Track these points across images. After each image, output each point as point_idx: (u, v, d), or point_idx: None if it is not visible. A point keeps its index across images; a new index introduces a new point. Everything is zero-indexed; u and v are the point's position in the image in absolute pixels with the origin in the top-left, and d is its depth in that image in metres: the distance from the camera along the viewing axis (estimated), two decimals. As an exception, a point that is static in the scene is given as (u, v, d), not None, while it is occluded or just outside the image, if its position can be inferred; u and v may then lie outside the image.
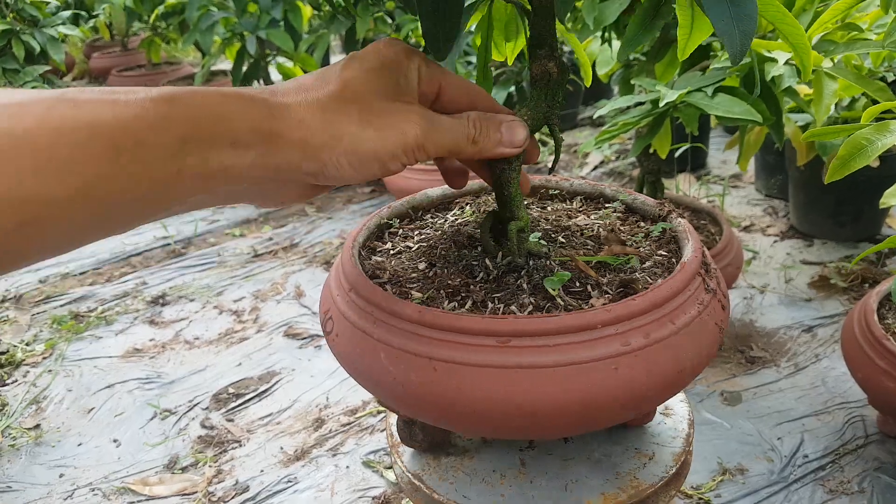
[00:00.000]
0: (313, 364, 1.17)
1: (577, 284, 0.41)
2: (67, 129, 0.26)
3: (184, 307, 1.38)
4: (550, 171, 0.50)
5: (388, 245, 0.48)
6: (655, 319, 0.37)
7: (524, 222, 0.43)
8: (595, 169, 1.95)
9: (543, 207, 0.54)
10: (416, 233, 0.50)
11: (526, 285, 0.41)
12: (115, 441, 1.03)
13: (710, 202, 1.61)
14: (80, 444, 1.02)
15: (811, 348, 1.12)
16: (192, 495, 0.91)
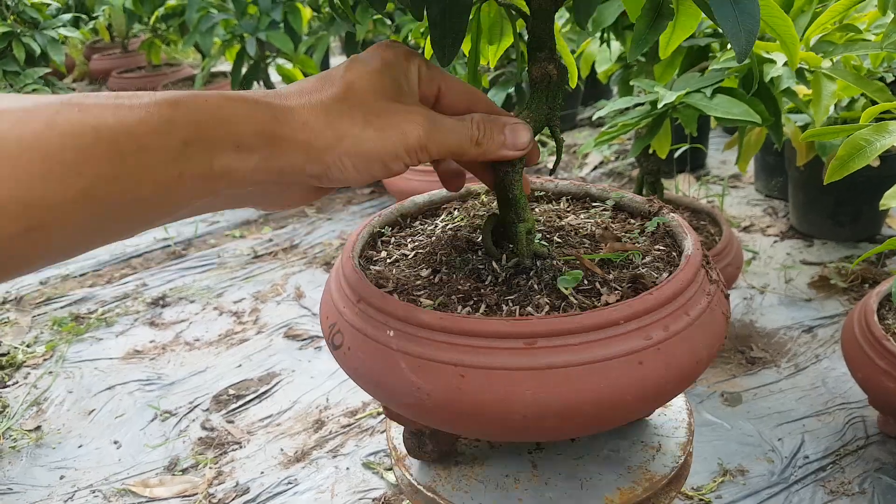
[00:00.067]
0: (313, 365, 1.17)
1: (585, 282, 0.42)
2: (73, 134, 0.26)
3: (184, 309, 1.38)
4: (551, 172, 0.50)
5: (384, 254, 0.48)
6: (672, 312, 0.38)
7: (531, 224, 0.43)
8: (595, 169, 1.95)
9: (532, 209, 0.54)
10: (409, 240, 0.50)
11: (537, 286, 0.41)
12: (115, 443, 1.03)
13: (710, 202, 1.61)
14: (80, 446, 1.03)
15: (811, 349, 1.12)
16: (193, 497, 0.91)
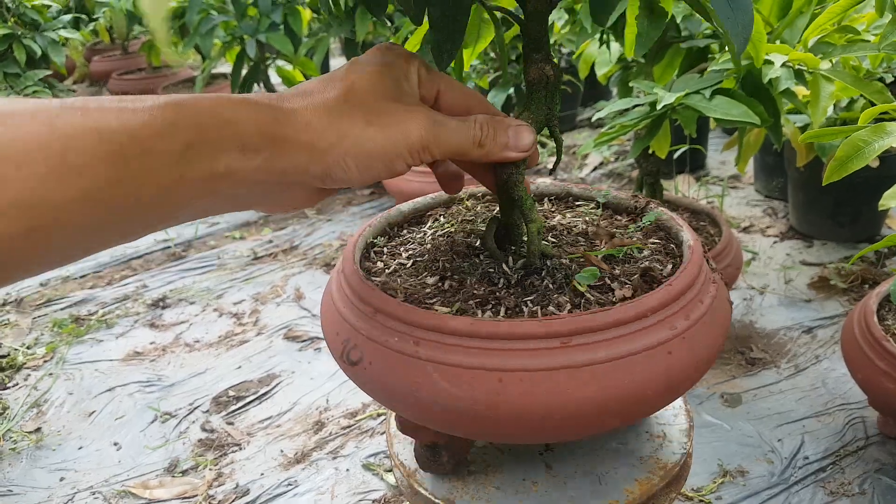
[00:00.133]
0: (313, 366, 1.17)
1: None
2: (75, 136, 0.26)
3: (184, 310, 1.38)
4: (551, 172, 0.51)
5: (380, 264, 0.47)
6: (690, 301, 0.39)
7: (540, 224, 0.43)
8: (594, 170, 1.95)
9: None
10: (402, 249, 0.49)
11: (551, 285, 0.41)
12: (115, 444, 1.03)
13: (710, 203, 1.61)
14: (80, 448, 1.03)
15: (811, 349, 1.12)
16: (193, 498, 0.91)
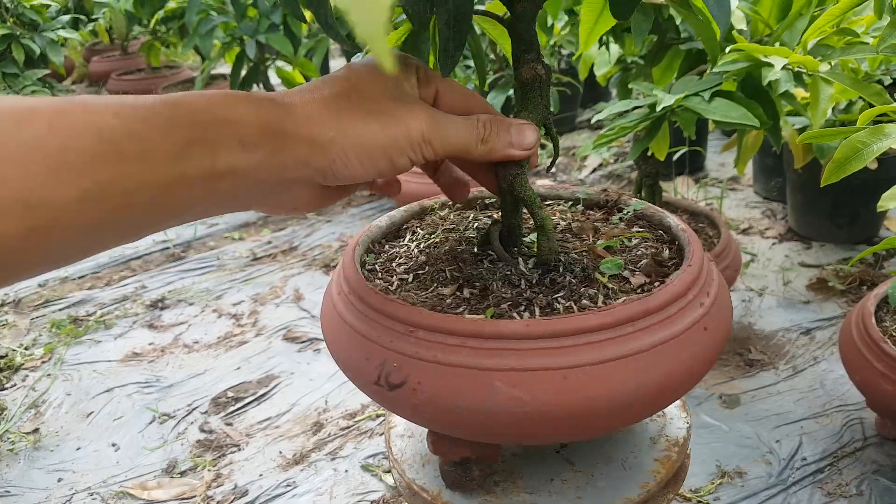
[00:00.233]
0: (312, 367, 1.17)
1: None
2: (75, 135, 0.26)
3: (183, 311, 1.38)
4: (548, 170, 0.51)
5: (380, 282, 0.45)
6: (706, 279, 0.41)
7: (550, 221, 0.43)
8: (594, 172, 1.95)
9: (490, 216, 0.54)
10: (394, 265, 0.47)
11: (573, 280, 0.42)
12: (113, 445, 1.03)
13: (709, 205, 1.61)
14: (78, 449, 1.02)
15: (809, 351, 1.12)
16: (191, 499, 0.91)
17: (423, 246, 0.49)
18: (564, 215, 0.53)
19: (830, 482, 0.86)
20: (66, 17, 2.11)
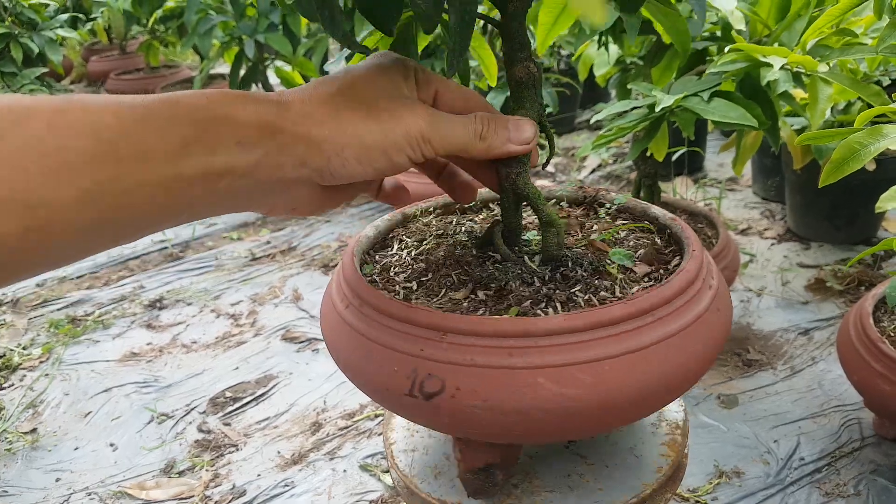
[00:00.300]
0: (311, 368, 1.17)
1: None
2: (74, 134, 0.26)
3: (181, 311, 1.38)
4: (543, 167, 0.51)
5: (384, 291, 0.44)
6: (709, 265, 0.43)
7: (558, 217, 0.44)
8: (593, 172, 1.95)
9: (472, 219, 0.54)
10: (393, 274, 0.46)
11: (584, 273, 0.42)
12: (111, 445, 1.03)
13: (707, 205, 1.62)
14: (76, 449, 1.02)
15: (807, 351, 1.12)
16: (189, 499, 0.91)
17: (415, 253, 0.48)
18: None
19: (828, 482, 0.86)
20: (65, 17, 2.11)
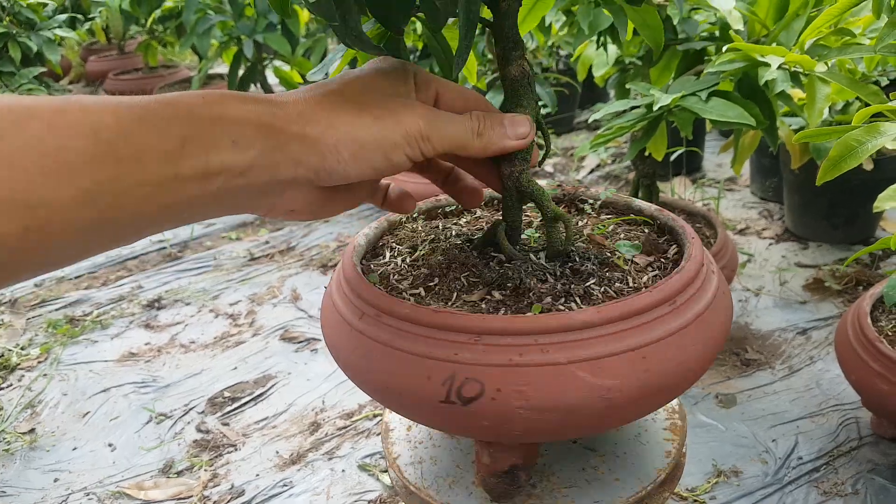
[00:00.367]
0: (309, 367, 1.17)
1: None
2: (73, 134, 0.26)
3: (179, 311, 1.38)
4: (540, 164, 0.51)
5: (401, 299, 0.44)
6: (707, 253, 0.45)
7: (564, 212, 0.44)
8: (591, 172, 1.95)
9: (457, 222, 0.54)
10: (394, 281, 0.45)
11: (593, 267, 0.43)
12: (110, 445, 1.03)
13: (706, 205, 1.62)
14: (74, 449, 1.02)
15: (805, 351, 1.13)
16: (188, 499, 0.91)
17: (410, 260, 0.47)
18: (528, 212, 0.54)
19: (826, 481, 0.86)
20: (63, 16, 2.11)
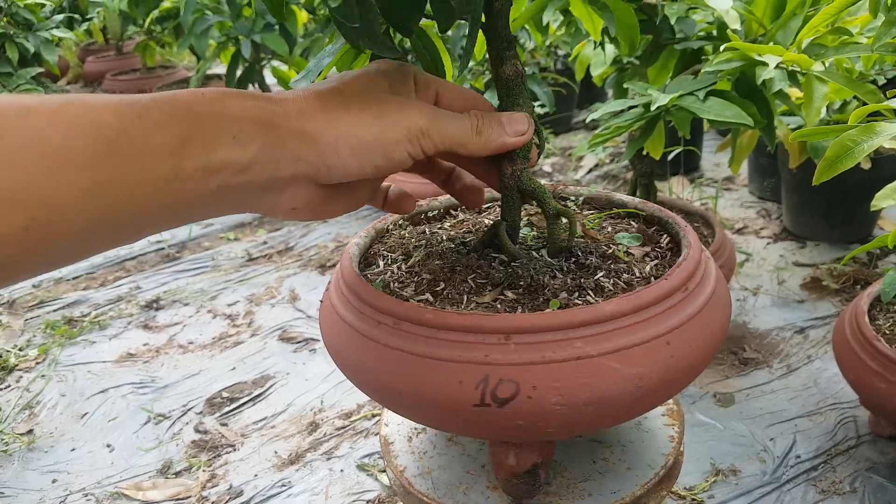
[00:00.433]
0: (308, 368, 1.17)
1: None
2: (74, 133, 0.26)
3: (178, 311, 1.38)
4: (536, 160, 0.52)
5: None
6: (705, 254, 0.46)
7: (567, 209, 0.45)
8: (590, 172, 1.95)
9: (442, 226, 0.54)
10: (395, 288, 0.44)
11: (597, 260, 0.44)
12: (108, 446, 1.03)
13: (704, 205, 1.62)
14: (73, 450, 1.02)
15: (803, 349, 1.13)
16: (186, 500, 0.91)
17: (405, 267, 0.47)
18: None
19: (824, 480, 0.86)
20: (61, 17, 2.11)
